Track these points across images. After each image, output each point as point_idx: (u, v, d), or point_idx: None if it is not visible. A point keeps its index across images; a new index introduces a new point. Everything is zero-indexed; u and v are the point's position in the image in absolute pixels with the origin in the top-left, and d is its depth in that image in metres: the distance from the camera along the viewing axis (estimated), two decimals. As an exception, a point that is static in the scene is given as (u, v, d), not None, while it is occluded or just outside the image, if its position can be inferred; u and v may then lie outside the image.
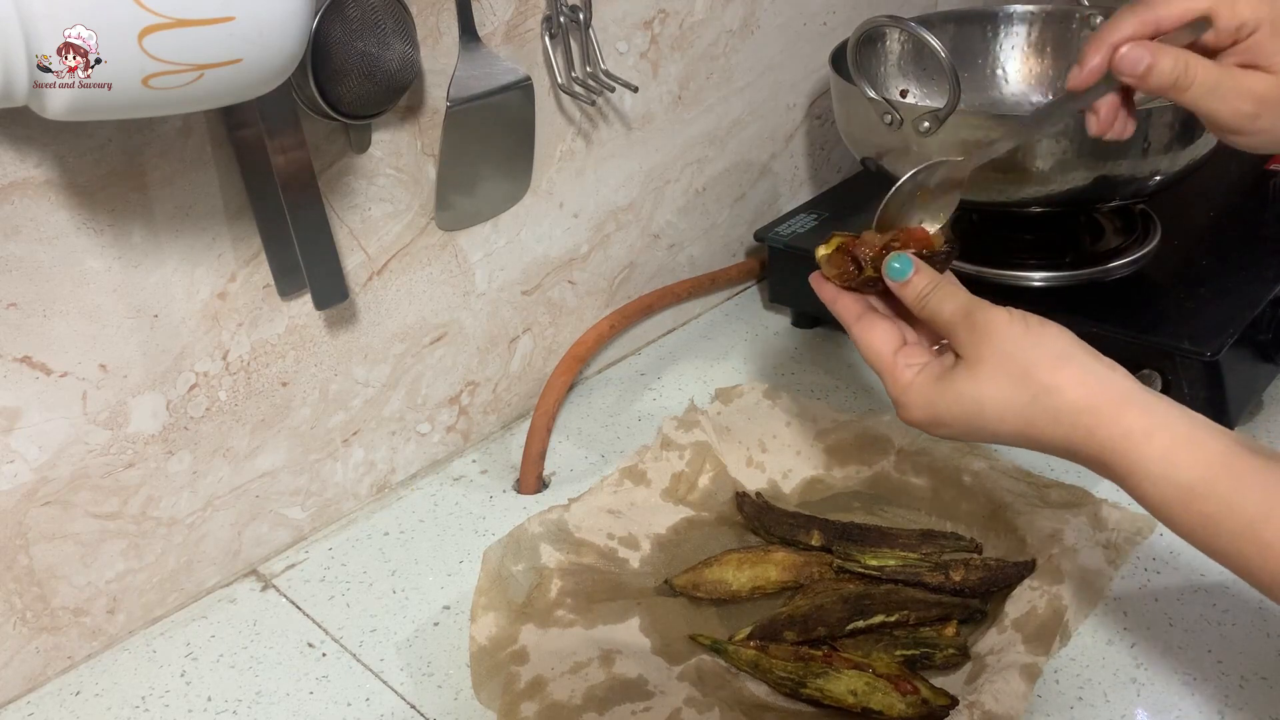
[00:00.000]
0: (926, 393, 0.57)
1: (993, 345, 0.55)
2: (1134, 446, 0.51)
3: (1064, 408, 0.53)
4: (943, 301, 0.58)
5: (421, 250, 0.80)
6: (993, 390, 0.54)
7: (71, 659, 0.70)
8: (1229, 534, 0.48)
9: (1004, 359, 0.54)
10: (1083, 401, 0.53)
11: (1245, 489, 0.49)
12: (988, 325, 0.56)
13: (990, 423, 0.55)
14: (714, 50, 0.96)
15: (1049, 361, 0.54)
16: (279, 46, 0.51)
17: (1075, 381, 0.53)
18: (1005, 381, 0.54)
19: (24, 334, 0.62)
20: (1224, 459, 0.50)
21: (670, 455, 0.79)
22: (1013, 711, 0.58)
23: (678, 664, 0.64)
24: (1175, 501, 0.50)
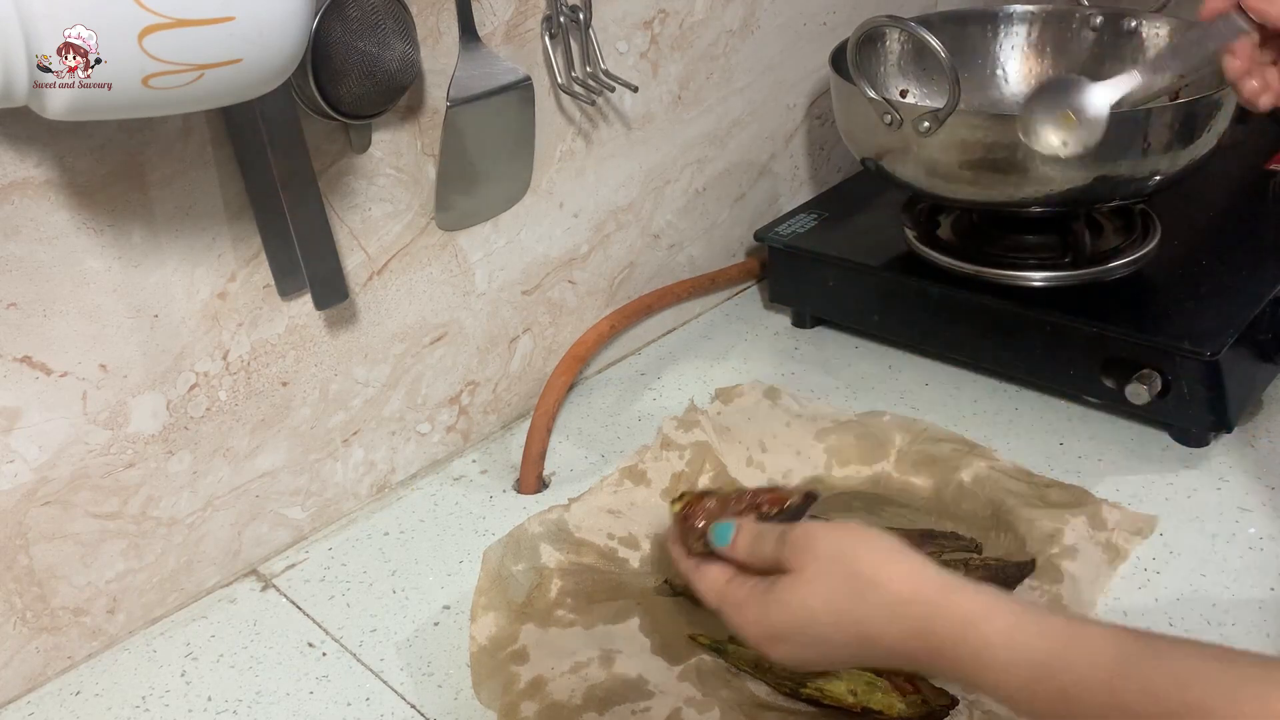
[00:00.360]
0: (758, 608, 0.54)
1: (814, 552, 0.53)
2: (975, 632, 0.48)
3: (892, 601, 0.50)
4: (765, 542, 0.56)
5: (421, 250, 0.80)
6: (821, 592, 0.52)
7: (71, 659, 0.70)
8: (1090, 706, 0.45)
9: (827, 562, 0.52)
10: (909, 592, 0.50)
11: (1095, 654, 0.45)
12: (807, 535, 0.54)
13: (824, 629, 0.52)
14: (714, 50, 0.96)
15: (873, 557, 0.51)
16: (279, 46, 0.51)
17: (901, 575, 0.51)
18: (831, 582, 0.52)
19: (24, 334, 0.62)
20: (1068, 629, 0.47)
21: (670, 455, 0.79)
22: (1013, 711, 0.57)
23: (678, 664, 0.64)
24: (1027, 683, 0.46)
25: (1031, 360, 0.85)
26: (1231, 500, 0.74)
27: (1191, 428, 0.79)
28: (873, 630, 0.50)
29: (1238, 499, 0.74)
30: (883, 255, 0.93)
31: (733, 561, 0.58)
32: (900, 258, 0.92)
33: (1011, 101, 1.01)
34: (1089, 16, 0.98)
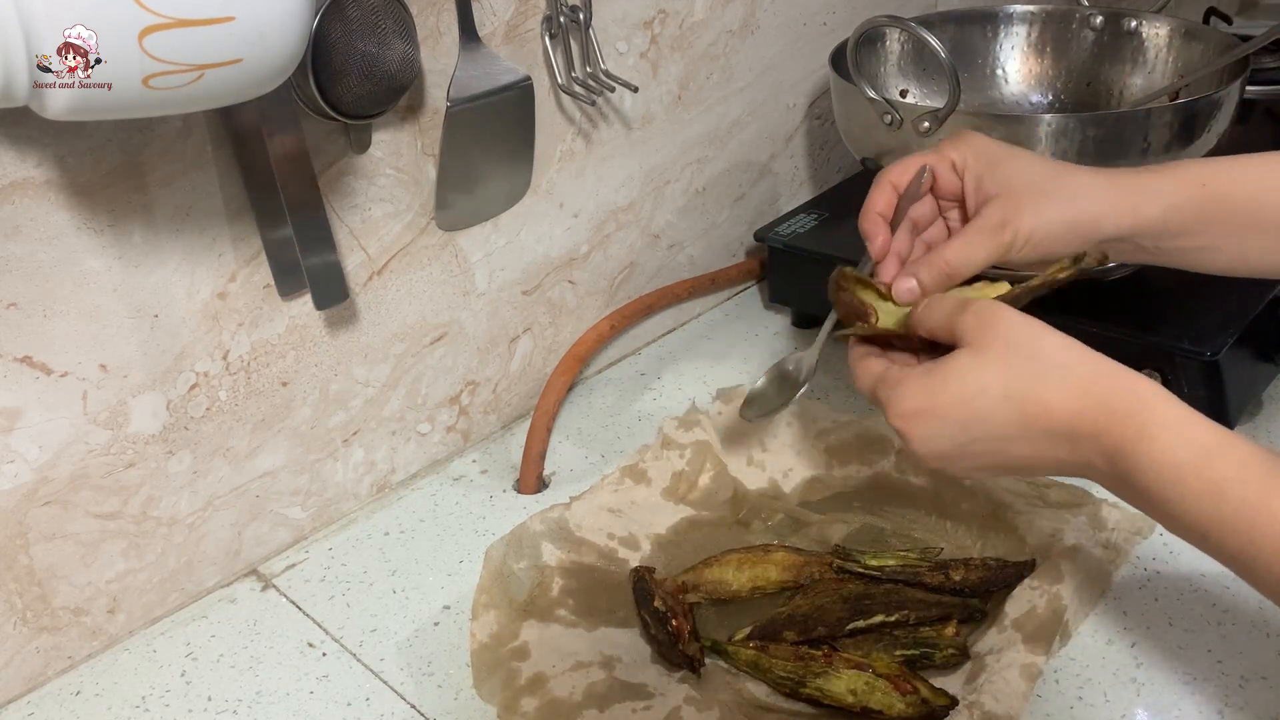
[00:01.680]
0: (920, 381, 0.55)
1: (998, 330, 0.53)
2: (1148, 411, 0.50)
3: (1074, 378, 0.51)
4: (940, 302, 0.57)
5: (421, 250, 0.80)
6: (1000, 368, 0.53)
7: (72, 659, 0.70)
8: (1236, 502, 0.47)
9: (1011, 342, 0.53)
10: (1092, 371, 0.52)
11: (1251, 460, 0.48)
12: (991, 312, 0.54)
13: (991, 402, 0.52)
14: (714, 50, 0.96)
15: (1058, 343, 0.53)
16: (279, 46, 0.51)
17: (1085, 357, 0.52)
18: (1015, 359, 0.52)
19: (24, 334, 0.62)
20: (1229, 435, 0.49)
21: (671, 454, 0.79)
22: (1013, 711, 0.58)
23: (678, 665, 0.64)
24: (1187, 464, 0.48)
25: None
26: (1231, 500, 0.74)
27: (1191, 428, 0.79)
28: (1045, 402, 0.52)
29: (1238, 499, 0.74)
30: (883, 255, 0.93)
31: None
32: (900, 258, 0.92)
33: (1011, 101, 1.01)
34: (1089, 16, 0.98)
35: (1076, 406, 0.51)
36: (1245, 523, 0.47)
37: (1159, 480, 0.49)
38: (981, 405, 0.53)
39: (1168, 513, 0.50)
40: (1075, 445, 0.52)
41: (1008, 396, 0.52)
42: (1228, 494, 0.47)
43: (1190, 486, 0.48)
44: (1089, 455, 0.52)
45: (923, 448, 0.55)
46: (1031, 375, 0.52)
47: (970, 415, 0.53)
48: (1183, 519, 0.49)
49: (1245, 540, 0.47)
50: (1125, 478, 0.51)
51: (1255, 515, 0.47)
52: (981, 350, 0.53)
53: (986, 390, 0.53)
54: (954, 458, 0.55)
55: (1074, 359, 0.52)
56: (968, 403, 0.53)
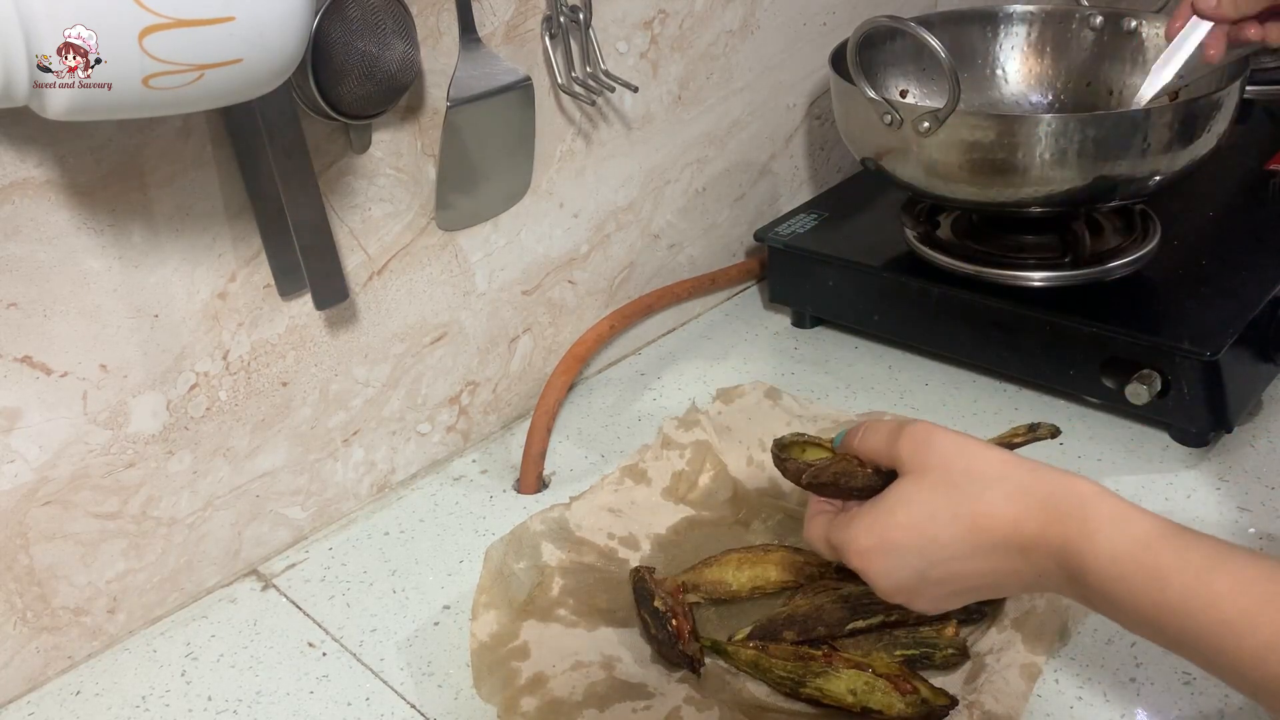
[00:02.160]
0: (869, 516, 0.56)
1: (933, 451, 0.54)
2: (1089, 507, 0.51)
3: (1012, 489, 0.52)
4: (874, 430, 0.58)
5: (421, 250, 0.80)
6: (942, 492, 0.53)
7: (72, 659, 0.70)
8: (1179, 587, 0.47)
9: (947, 462, 0.54)
10: (1030, 479, 0.52)
11: (1194, 542, 0.49)
12: (925, 433, 0.55)
13: (941, 526, 0.53)
14: (714, 50, 0.96)
15: (992, 457, 0.54)
16: (279, 46, 0.51)
17: (1020, 466, 0.53)
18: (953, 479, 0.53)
19: (24, 334, 0.62)
20: (1167, 523, 0.50)
21: (671, 454, 0.79)
22: (1013, 711, 0.58)
23: (678, 665, 0.64)
24: (1127, 556, 0.49)
25: (1031, 360, 0.85)
26: (1231, 500, 0.74)
27: (1191, 428, 0.79)
28: (991, 514, 0.52)
29: (1237, 499, 0.74)
30: (883, 255, 0.93)
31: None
32: (900, 258, 0.92)
33: (1011, 101, 1.01)
34: (1089, 16, 0.98)
35: (1019, 512, 0.52)
36: (1189, 608, 0.47)
37: (1105, 575, 0.50)
38: (931, 529, 0.53)
39: (1117, 608, 0.50)
40: (1026, 555, 0.52)
41: (955, 516, 0.53)
42: (1170, 581, 0.48)
43: (1134, 578, 0.49)
44: (1041, 562, 0.52)
45: (885, 582, 0.56)
46: (974, 491, 0.53)
47: (923, 540, 0.54)
48: (1131, 611, 0.50)
49: (1191, 626, 0.47)
50: (1076, 578, 0.51)
51: (1198, 600, 0.47)
52: (921, 475, 0.54)
53: (935, 515, 0.53)
54: (918, 589, 0.56)
55: (1011, 469, 0.53)
56: (918, 527, 0.54)
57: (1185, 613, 0.47)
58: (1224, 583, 0.47)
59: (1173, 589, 0.48)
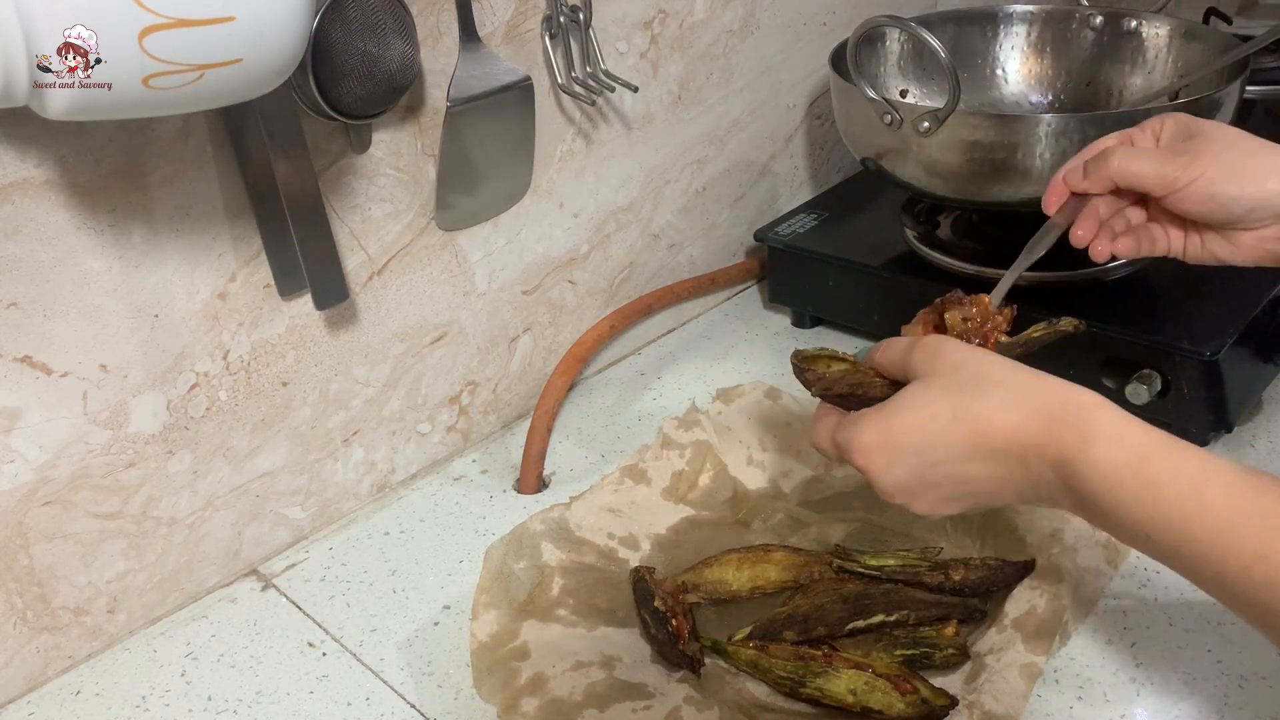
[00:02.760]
0: (876, 416, 0.57)
1: (945, 360, 0.56)
2: (1088, 415, 0.52)
3: (1017, 395, 0.54)
4: (891, 346, 0.60)
5: (421, 250, 0.80)
6: (948, 391, 0.55)
7: (72, 659, 0.70)
8: (1173, 496, 0.48)
9: (956, 367, 0.56)
10: (1033, 385, 0.54)
11: (1187, 457, 0.50)
12: (938, 344, 0.57)
13: (945, 427, 0.55)
14: (714, 50, 0.96)
15: (1000, 367, 0.55)
16: (279, 46, 0.51)
17: (1027, 375, 0.55)
18: (961, 384, 0.55)
19: (24, 334, 0.62)
20: (1165, 435, 0.51)
21: (671, 454, 0.79)
22: (1013, 711, 0.58)
23: (678, 665, 0.64)
24: (1124, 465, 0.50)
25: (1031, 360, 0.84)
26: (1231, 500, 0.74)
27: (1191, 428, 0.79)
28: (991, 419, 0.54)
29: (1238, 499, 0.74)
30: (883, 255, 0.93)
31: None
32: (900, 258, 0.92)
33: (1011, 101, 1.01)
34: (1089, 16, 0.98)
35: (1020, 419, 0.53)
36: (1180, 517, 0.48)
37: (1101, 484, 0.51)
38: (933, 429, 0.55)
39: (1110, 518, 0.51)
40: (1025, 462, 0.53)
41: (956, 419, 0.54)
42: (1164, 491, 0.49)
43: (1128, 487, 0.50)
44: (1039, 470, 0.53)
45: (885, 479, 0.57)
46: (975, 395, 0.54)
47: (924, 440, 0.55)
48: (1123, 521, 0.50)
49: (1181, 535, 0.48)
50: (1071, 487, 0.52)
51: (1189, 508, 0.48)
52: (929, 379, 0.56)
53: (937, 416, 0.55)
54: (916, 489, 0.57)
55: (1016, 378, 0.55)
56: (920, 427, 0.55)
57: (1177, 522, 0.48)
58: (1215, 494, 0.48)
59: (1165, 500, 0.49)
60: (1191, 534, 0.48)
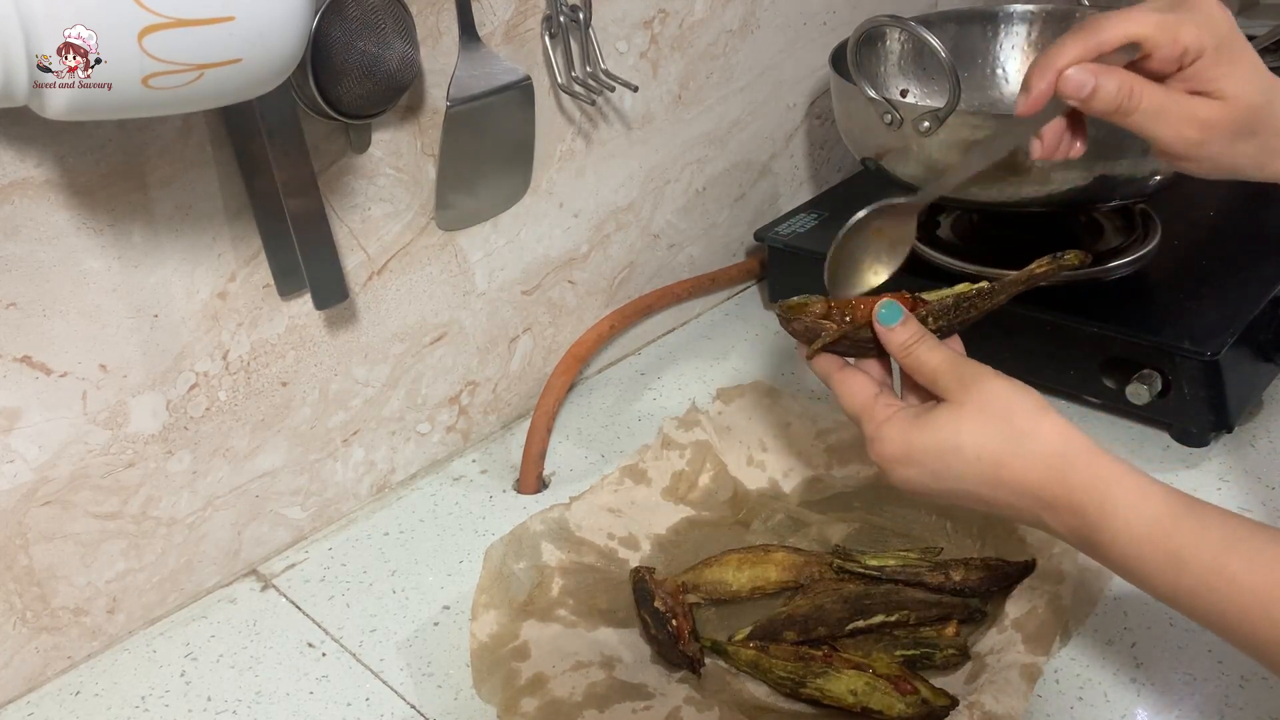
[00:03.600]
0: (902, 427, 0.58)
1: (979, 393, 0.56)
2: (1106, 486, 0.52)
3: (1040, 451, 0.54)
4: (930, 351, 0.59)
5: (421, 250, 0.80)
6: (973, 429, 0.55)
7: (71, 659, 0.70)
8: (1197, 567, 0.49)
9: (987, 403, 0.56)
10: (1057, 447, 0.54)
11: (1210, 524, 0.50)
12: (976, 376, 0.57)
13: (964, 464, 0.55)
14: (714, 50, 0.96)
15: (1029, 412, 0.55)
16: (279, 46, 0.51)
17: (1053, 431, 0.55)
18: (987, 424, 0.55)
19: (24, 334, 0.62)
20: (1188, 501, 0.51)
21: (671, 454, 0.79)
22: (1013, 711, 0.58)
23: (678, 665, 0.64)
24: (1145, 539, 0.50)
25: (1031, 360, 0.85)
26: (1231, 500, 0.74)
27: (1191, 428, 0.79)
28: (1011, 472, 0.54)
29: (1238, 499, 0.74)
30: (883, 255, 0.93)
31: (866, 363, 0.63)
32: (900, 258, 0.92)
33: (1011, 101, 1.01)
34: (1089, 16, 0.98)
35: (1039, 478, 0.54)
36: (1206, 590, 0.49)
37: (1120, 554, 0.52)
38: (954, 461, 0.56)
39: (1134, 581, 0.52)
40: (1041, 508, 0.54)
41: (979, 458, 0.55)
42: (1187, 564, 0.49)
43: (1151, 559, 0.50)
44: (1056, 523, 0.54)
45: (900, 485, 0.59)
46: (999, 443, 0.55)
47: (943, 467, 0.56)
48: (1148, 587, 0.51)
49: (1210, 607, 0.49)
50: (1091, 546, 0.53)
51: (1214, 582, 0.48)
52: (960, 409, 0.56)
53: (960, 449, 0.55)
54: (926, 495, 0.59)
55: (1043, 429, 0.55)
56: (941, 456, 0.56)
57: (1203, 595, 0.49)
58: (1239, 565, 0.48)
59: (1189, 572, 0.49)
60: (1219, 607, 0.48)
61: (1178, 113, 0.58)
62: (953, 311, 0.62)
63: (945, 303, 0.63)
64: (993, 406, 0.55)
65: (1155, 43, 0.57)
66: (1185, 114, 0.58)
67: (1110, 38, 0.58)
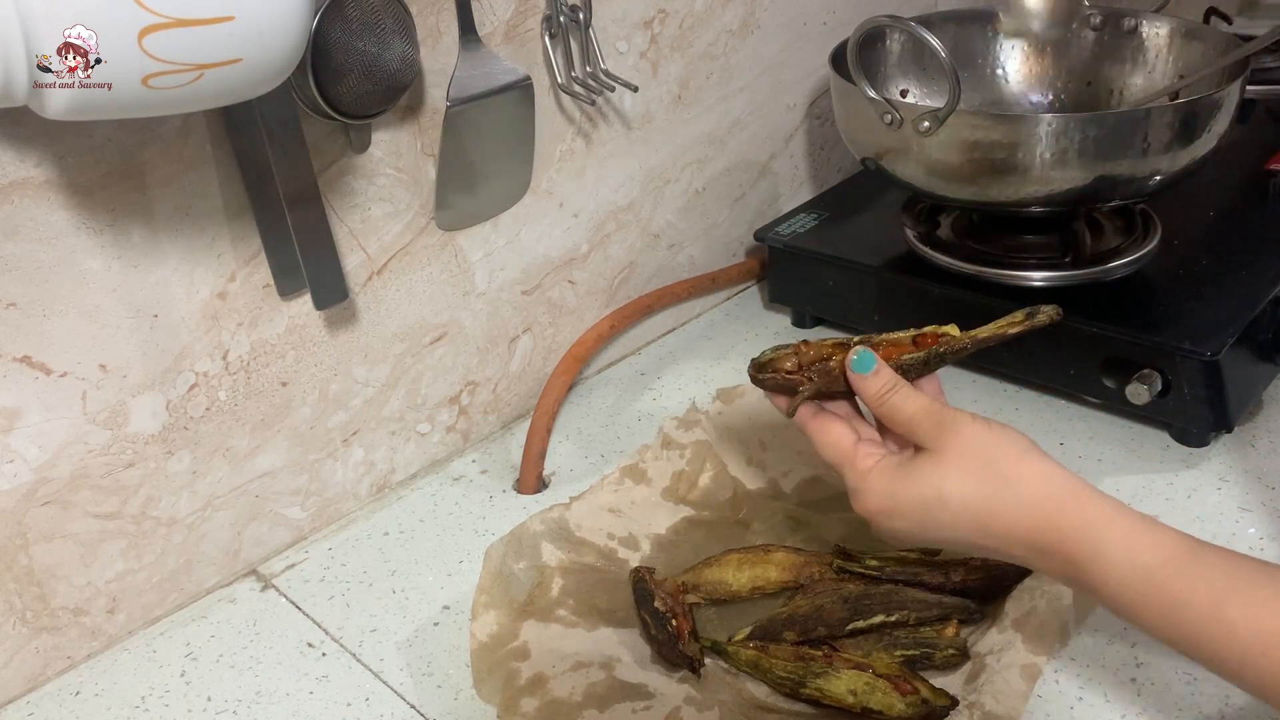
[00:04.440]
0: (886, 480, 0.57)
1: (959, 439, 0.55)
2: (1097, 533, 0.51)
3: (1027, 498, 0.53)
4: (905, 399, 0.58)
5: (421, 250, 0.80)
6: (957, 480, 0.55)
7: (71, 659, 0.70)
8: (1194, 615, 0.48)
9: (969, 452, 0.55)
10: (1045, 492, 0.53)
11: (1206, 569, 0.49)
12: (954, 422, 0.56)
13: (951, 514, 0.55)
14: (714, 50, 0.96)
15: (1013, 456, 0.55)
16: (279, 46, 0.51)
17: (1039, 474, 0.54)
18: (971, 472, 0.54)
19: (24, 334, 0.62)
20: (1183, 543, 0.51)
21: (671, 454, 0.79)
22: (1013, 711, 0.57)
23: (678, 665, 0.64)
24: (1138, 585, 0.50)
25: (1031, 360, 0.85)
26: (1231, 500, 0.74)
27: (1191, 428, 0.79)
28: (1000, 521, 0.53)
29: (1238, 499, 0.74)
30: (883, 255, 0.93)
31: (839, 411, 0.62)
32: (900, 258, 0.92)
33: (1011, 101, 1.01)
34: (1089, 16, 0.98)
35: (1029, 526, 0.53)
36: (1205, 639, 0.48)
37: (1117, 600, 0.51)
38: (940, 514, 0.55)
39: (1135, 625, 0.52)
40: (1034, 554, 0.54)
41: (966, 509, 0.54)
42: (1183, 611, 0.49)
43: (1146, 606, 0.50)
44: (1047, 565, 0.54)
45: (887, 536, 0.59)
46: (986, 491, 0.54)
47: (930, 519, 0.56)
48: (1149, 632, 0.51)
49: (1210, 653, 0.49)
50: (1088, 591, 0.53)
51: (1213, 631, 0.48)
52: (941, 459, 0.55)
53: (946, 501, 0.55)
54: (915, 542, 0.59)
55: (1028, 475, 0.54)
56: (927, 508, 0.55)
57: (1204, 643, 0.48)
58: (1236, 612, 0.47)
59: (1185, 620, 0.49)
60: (1219, 654, 0.48)
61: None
62: (923, 366, 0.62)
63: (918, 357, 0.62)
64: (975, 453, 0.55)
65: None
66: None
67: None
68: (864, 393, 0.60)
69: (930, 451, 0.56)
